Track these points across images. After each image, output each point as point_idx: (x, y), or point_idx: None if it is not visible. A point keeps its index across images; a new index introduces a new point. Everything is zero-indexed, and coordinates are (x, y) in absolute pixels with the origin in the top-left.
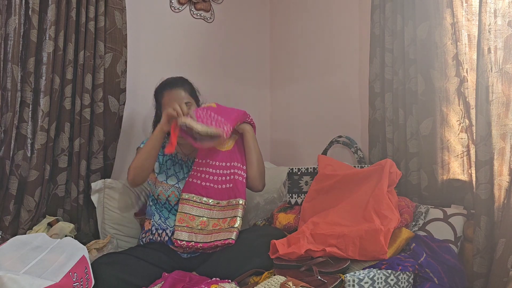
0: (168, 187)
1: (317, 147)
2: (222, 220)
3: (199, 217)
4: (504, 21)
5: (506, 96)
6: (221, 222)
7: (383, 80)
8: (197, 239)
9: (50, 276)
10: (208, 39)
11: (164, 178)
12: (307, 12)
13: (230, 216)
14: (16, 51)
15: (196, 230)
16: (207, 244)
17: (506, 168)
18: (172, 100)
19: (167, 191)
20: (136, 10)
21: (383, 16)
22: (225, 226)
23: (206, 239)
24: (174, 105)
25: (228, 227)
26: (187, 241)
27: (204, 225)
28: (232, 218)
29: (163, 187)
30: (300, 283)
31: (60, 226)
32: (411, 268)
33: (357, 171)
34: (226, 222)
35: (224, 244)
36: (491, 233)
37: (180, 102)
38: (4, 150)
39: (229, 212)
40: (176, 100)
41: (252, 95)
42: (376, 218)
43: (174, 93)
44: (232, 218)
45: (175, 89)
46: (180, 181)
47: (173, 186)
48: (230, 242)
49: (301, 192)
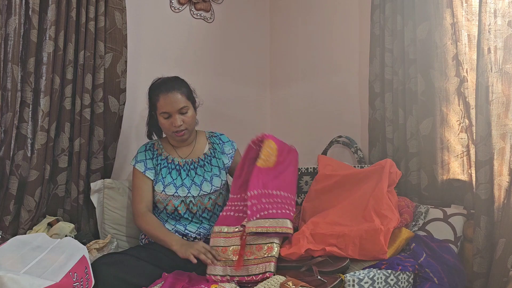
0: (166, 197)
1: (317, 147)
2: (255, 246)
3: (230, 246)
4: (504, 21)
5: (506, 96)
6: (254, 249)
7: (383, 80)
8: (232, 273)
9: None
10: (208, 39)
11: (161, 188)
12: (307, 12)
13: (265, 242)
14: (16, 51)
15: (229, 263)
16: (244, 278)
17: (506, 168)
18: (168, 104)
19: (165, 200)
20: (136, 10)
21: (383, 16)
22: (261, 255)
23: (242, 272)
24: (203, 251)
25: (264, 256)
26: (221, 275)
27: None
28: (269, 245)
29: (161, 196)
30: (300, 283)
31: (60, 226)
32: (411, 268)
33: (357, 171)
34: (262, 250)
35: (263, 278)
36: (491, 233)
37: (176, 107)
38: (4, 150)
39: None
40: (172, 105)
41: (252, 95)
42: (376, 218)
43: (171, 97)
44: (268, 244)
45: (171, 93)
46: (178, 188)
47: (170, 196)
48: (268, 276)
49: (301, 192)
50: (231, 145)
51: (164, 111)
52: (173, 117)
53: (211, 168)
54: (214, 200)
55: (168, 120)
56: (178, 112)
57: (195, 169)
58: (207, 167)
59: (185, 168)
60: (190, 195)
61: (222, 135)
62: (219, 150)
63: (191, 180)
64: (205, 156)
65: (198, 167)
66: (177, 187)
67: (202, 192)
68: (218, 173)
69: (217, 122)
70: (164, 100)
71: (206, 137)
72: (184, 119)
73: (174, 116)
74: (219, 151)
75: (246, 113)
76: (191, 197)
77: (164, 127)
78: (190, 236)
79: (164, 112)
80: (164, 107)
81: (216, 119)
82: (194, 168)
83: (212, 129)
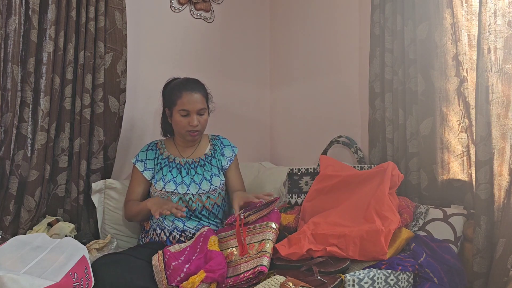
0: (165, 194)
1: (317, 147)
2: (249, 246)
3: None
4: (504, 21)
5: (506, 96)
6: (248, 248)
7: (383, 80)
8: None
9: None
10: (208, 39)
11: (162, 185)
12: (307, 12)
13: (258, 240)
14: (16, 51)
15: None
16: (238, 277)
17: (506, 168)
18: (191, 103)
19: (164, 196)
20: (136, 10)
21: (383, 16)
22: (253, 253)
23: (235, 271)
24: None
25: (256, 252)
26: None
27: (231, 257)
28: (261, 242)
29: (160, 194)
30: (300, 283)
31: (60, 226)
32: (411, 268)
33: (359, 173)
34: (254, 248)
35: (255, 272)
36: (491, 233)
37: (196, 107)
38: (4, 150)
39: (256, 236)
40: (194, 105)
41: (252, 95)
42: (377, 219)
43: (195, 97)
44: (260, 242)
45: (195, 93)
46: (178, 185)
47: (169, 193)
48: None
49: (301, 192)
50: (232, 149)
51: (185, 108)
52: (191, 116)
53: (211, 168)
54: (212, 200)
55: (185, 118)
56: (196, 113)
57: (195, 168)
58: (207, 166)
59: (185, 167)
60: (189, 193)
61: (224, 139)
62: (219, 151)
63: (190, 178)
64: (206, 156)
65: (198, 166)
66: (177, 184)
67: (201, 191)
68: (218, 173)
69: (217, 122)
70: (187, 98)
71: (209, 139)
72: (200, 120)
73: (193, 115)
74: (219, 152)
75: (246, 113)
76: (190, 195)
77: (180, 124)
78: (189, 232)
79: (184, 110)
80: (186, 104)
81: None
82: (195, 167)
83: (212, 129)
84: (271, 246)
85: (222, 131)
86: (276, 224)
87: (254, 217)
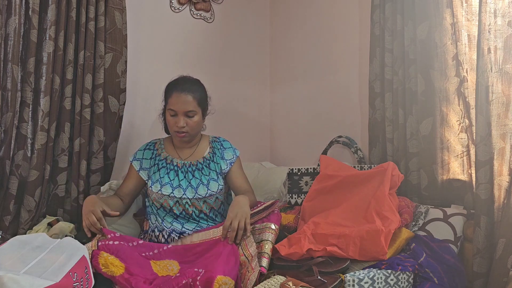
0: (161, 196)
1: (317, 147)
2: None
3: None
4: (504, 21)
5: (506, 96)
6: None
7: (383, 80)
8: None
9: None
10: (208, 39)
11: (158, 188)
12: (307, 12)
13: (257, 241)
14: (16, 51)
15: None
16: None
17: (506, 168)
18: (179, 103)
19: (160, 198)
20: (136, 10)
21: (383, 16)
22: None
23: None
24: (91, 217)
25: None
26: None
27: None
28: (260, 244)
29: (157, 195)
30: (300, 283)
31: (60, 226)
32: (411, 268)
33: (359, 173)
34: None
35: None
36: (491, 233)
37: (184, 108)
38: (4, 150)
39: (255, 236)
40: (182, 105)
41: (252, 95)
42: (377, 219)
43: (182, 98)
44: (260, 242)
45: (184, 94)
46: (174, 189)
47: (165, 196)
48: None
49: (301, 192)
50: (233, 151)
51: (172, 108)
52: (178, 117)
53: (209, 172)
54: (210, 204)
55: (173, 118)
56: (184, 114)
57: (193, 171)
58: (205, 170)
59: (183, 170)
60: (186, 197)
61: (225, 141)
62: (219, 155)
63: (187, 182)
64: (204, 159)
65: (196, 170)
66: (173, 187)
67: (197, 196)
68: (216, 178)
69: (217, 123)
70: (175, 98)
71: (209, 141)
72: (188, 122)
73: (179, 116)
74: (218, 155)
75: (246, 113)
76: (186, 199)
77: (168, 123)
78: (187, 234)
79: (171, 110)
80: (173, 105)
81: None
82: (192, 171)
83: (212, 129)
84: (270, 247)
85: (222, 131)
86: (275, 225)
87: (253, 220)
